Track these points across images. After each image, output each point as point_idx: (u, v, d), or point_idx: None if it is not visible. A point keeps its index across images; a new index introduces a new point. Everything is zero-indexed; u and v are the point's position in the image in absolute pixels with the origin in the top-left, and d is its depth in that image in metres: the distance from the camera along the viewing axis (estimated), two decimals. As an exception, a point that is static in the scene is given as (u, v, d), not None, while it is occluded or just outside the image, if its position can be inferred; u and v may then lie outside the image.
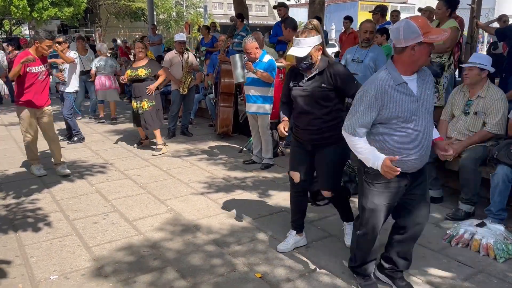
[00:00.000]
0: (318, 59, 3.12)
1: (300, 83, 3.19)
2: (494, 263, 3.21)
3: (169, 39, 26.63)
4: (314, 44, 3.05)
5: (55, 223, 3.94)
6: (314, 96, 3.12)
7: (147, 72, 6.12)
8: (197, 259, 3.28)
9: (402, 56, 2.43)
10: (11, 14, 24.36)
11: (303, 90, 3.16)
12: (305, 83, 3.16)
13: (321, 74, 3.11)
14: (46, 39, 4.85)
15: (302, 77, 3.19)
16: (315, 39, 3.06)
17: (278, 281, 2.99)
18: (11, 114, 9.55)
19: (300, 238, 3.49)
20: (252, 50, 5.15)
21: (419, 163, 2.58)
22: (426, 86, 2.52)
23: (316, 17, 9.08)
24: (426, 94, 2.51)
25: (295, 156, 3.38)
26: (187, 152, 6.32)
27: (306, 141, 3.26)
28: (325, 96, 3.11)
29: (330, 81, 3.09)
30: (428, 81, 2.54)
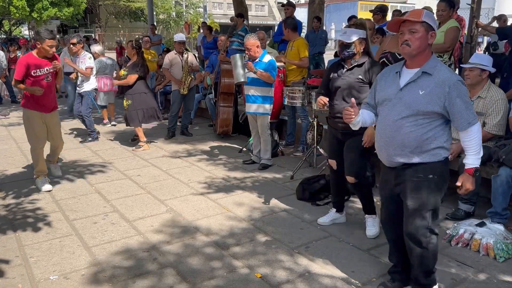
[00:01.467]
0: (360, 53, 3.45)
1: (339, 72, 3.52)
2: (494, 262, 3.21)
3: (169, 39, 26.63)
4: (359, 36, 3.40)
5: (54, 223, 3.94)
6: (350, 85, 3.44)
7: (125, 74, 6.36)
8: (197, 261, 3.28)
9: None
10: (10, 14, 24.36)
11: (341, 79, 3.48)
12: (344, 73, 3.48)
13: (360, 66, 3.44)
14: (46, 38, 4.56)
15: (342, 67, 3.52)
16: (361, 32, 3.41)
17: (278, 282, 2.99)
18: (11, 114, 9.54)
19: (340, 216, 3.89)
20: (252, 48, 5.16)
21: (379, 154, 2.66)
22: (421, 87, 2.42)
23: (316, 17, 9.14)
24: (415, 91, 2.43)
25: (330, 146, 3.78)
26: (187, 152, 6.32)
27: (337, 130, 3.58)
28: (359, 87, 3.42)
29: (367, 75, 3.41)
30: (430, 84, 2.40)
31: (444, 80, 2.38)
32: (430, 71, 2.43)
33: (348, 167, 3.52)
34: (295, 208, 4.25)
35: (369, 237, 3.60)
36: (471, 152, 2.47)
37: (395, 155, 2.54)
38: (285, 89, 5.66)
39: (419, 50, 2.44)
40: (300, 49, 5.84)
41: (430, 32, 2.44)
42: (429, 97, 2.40)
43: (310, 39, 8.87)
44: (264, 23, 43.60)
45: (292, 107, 6.06)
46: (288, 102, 5.62)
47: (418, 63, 2.49)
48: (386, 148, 2.57)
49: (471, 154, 2.48)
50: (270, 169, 5.48)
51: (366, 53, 3.49)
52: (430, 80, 2.41)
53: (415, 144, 2.46)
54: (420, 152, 2.48)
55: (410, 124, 2.46)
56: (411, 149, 2.48)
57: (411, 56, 2.49)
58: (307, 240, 3.58)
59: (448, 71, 2.45)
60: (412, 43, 2.42)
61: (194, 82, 7.24)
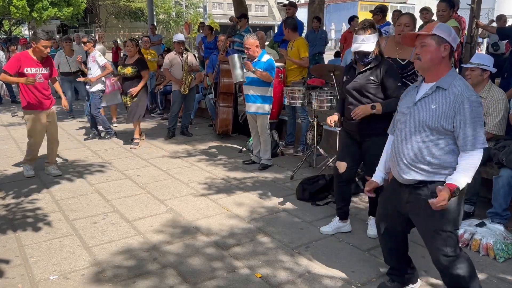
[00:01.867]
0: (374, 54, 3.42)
1: (352, 75, 3.51)
2: (494, 262, 3.21)
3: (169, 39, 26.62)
4: (376, 41, 3.36)
5: (54, 223, 3.94)
6: (363, 87, 3.42)
7: (133, 71, 6.44)
8: (197, 261, 3.27)
9: None
10: (10, 14, 24.36)
11: (354, 81, 3.47)
12: (357, 76, 3.46)
13: (372, 69, 3.41)
14: (41, 39, 4.82)
15: (355, 70, 3.50)
16: (376, 36, 3.36)
17: (278, 282, 2.99)
18: (11, 114, 9.53)
19: (344, 224, 3.75)
20: (251, 47, 5.17)
21: (394, 171, 2.56)
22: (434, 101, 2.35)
23: (315, 17, 9.14)
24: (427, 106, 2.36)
25: (343, 147, 3.69)
26: (187, 152, 6.32)
27: (354, 132, 3.53)
28: (373, 88, 3.40)
29: (378, 76, 3.39)
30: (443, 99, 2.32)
31: (458, 95, 2.29)
32: (445, 85, 2.35)
33: (368, 169, 3.45)
34: (295, 208, 4.25)
35: (369, 237, 3.62)
36: (463, 173, 2.28)
37: (406, 171, 2.44)
38: (285, 89, 5.66)
39: (432, 63, 2.38)
40: (300, 49, 5.84)
41: (443, 44, 2.36)
42: (439, 112, 2.31)
43: (310, 39, 8.87)
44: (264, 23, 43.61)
45: (292, 107, 6.06)
46: (288, 102, 5.62)
47: (434, 77, 2.41)
48: (397, 163, 2.49)
49: (461, 173, 2.28)
50: (270, 169, 5.48)
51: (379, 54, 3.45)
52: (444, 95, 2.33)
53: (427, 159, 2.36)
54: (435, 169, 2.36)
55: (421, 139, 2.37)
56: (424, 164, 2.37)
57: (423, 70, 2.44)
58: (307, 240, 3.58)
59: (464, 86, 2.32)
60: (422, 57, 2.38)
61: (194, 82, 7.25)
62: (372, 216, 3.68)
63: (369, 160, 3.47)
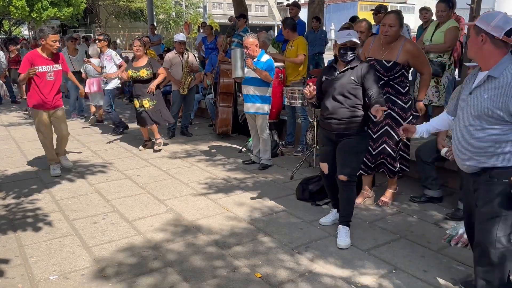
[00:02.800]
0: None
1: (332, 75, 3.56)
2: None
3: (169, 39, 26.62)
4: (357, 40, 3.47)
5: (54, 223, 3.94)
6: (343, 87, 3.47)
7: (148, 73, 6.15)
8: (197, 261, 3.27)
9: None
10: (10, 14, 24.36)
11: (334, 81, 3.52)
12: (338, 75, 3.52)
13: (353, 69, 3.48)
14: (49, 34, 4.86)
15: (335, 70, 3.57)
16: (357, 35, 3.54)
17: (279, 281, 2.99)
18: (11, 114, 9.54)
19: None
20: (251, 47, 5.18)
21: (457, 160, 2.63)
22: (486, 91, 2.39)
23: (315, 17, 9.14)
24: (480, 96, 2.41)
25: (323, 148, 3.76)
26: (187, 153, 6.32)
27: (330, 131, 3.57)
28: (352, 89, 3.45)
29: (359, 78, 3.44)
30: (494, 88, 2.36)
31: (509, 83, 2.32)
32: (496, 74, 2.37)
33: (343, 166, 3.52)
34: (295, 208, 4.25)
35: (340, 247, 3.42)
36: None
37: (466, 159, 2.53)
38: (285, 89, 5.67)
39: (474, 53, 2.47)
40: (298, 47, 5.86)
41: (480, 34, 2.40)
42: (492, 101, 2.35)
43: (310, 39, 8.87)
44: (264, 23, 43.60)
45: (292, 107, 6.07)
46: (288, 102, 5.63)
47: (486, 65, 2.44)
48: (459, 152, 2.58)
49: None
50: (270, 169, 5.48)
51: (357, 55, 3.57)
52: (495, 84, 2.36)
53: (484, 148, 2.41)
54: (492, 156, 2.41)
55: (477, 128, 2.43)
56: (482, 153, 2.43)
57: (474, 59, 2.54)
58: (307, 240, 3.58)
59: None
60: (469, 47, 2.49)
61: (194, 82, 7.24)
62: (342, 226, 3.56)
63: (342, 158, 3.53)
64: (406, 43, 3.94)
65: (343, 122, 3.46)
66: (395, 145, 4.04)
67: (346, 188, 3.56)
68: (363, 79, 3.43)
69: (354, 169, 3.56)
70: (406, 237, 3.62)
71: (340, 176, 3.53)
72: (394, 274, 3.08)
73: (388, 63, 3.91)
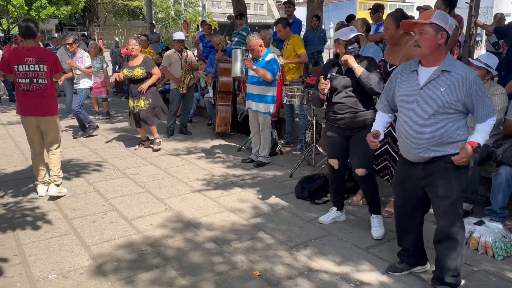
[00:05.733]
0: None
1: (338, 71, 3.61)
2: (492, 261, 3.22)
3: (168, 38, 26.59)
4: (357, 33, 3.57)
5: (53, 222, 3.93)
6: (349, 83, 3.52)
7: (143, 72, 6.07)
8: (197, 258, 3.27)
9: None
10: (8, 13, 24.31)
11: (341, 77, 3.56)
12: (347, 72, 3.56)
13: (359, 64, 3.52)
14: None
15: (340, 66, 3.62)
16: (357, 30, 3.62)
17: (278, 279, 2.99)
18: (10, 113, 9.53)
19: (340, 214, 3.90)
20: (256, 48, 5.16)
21: (404, 152, 2.77)
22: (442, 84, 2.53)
23: (314, 16, 9.13)
24: (436, 89, 2.54)
25: (333, 145, 3.74)
26: (186, 151, 6.32)
27: (337, 127, 3.62)
28: (358, 85, 3.49)
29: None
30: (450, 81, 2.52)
31: (465, 77, 2.50)
32: (448, 68, 2.54)
33: (360, 160, 3.55)
34: (294, 207, 4.25)
35: (375, 238, 3.55)
36: (480, 134, 2.56)
37: (424, 151, 2.62)
38: (284, 87, 5.66)
39: (430, 50, 2.55)
40: (296, 46, 5.85)
41: (440, 32, 2.53)
42: (450, 93, 2.51)
43: (309, 38, 8.86)
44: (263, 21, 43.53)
45: (291, 106, 6.06)
46: (286, 101, 5.62)
47: (433, 61, 2.59)
48: (415, 144, 2.64)
49: (479, 134, 2.56)
50: (269, 168, 5.48)
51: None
52: (450, 77, 2.52)
53: (442, 137, 2.57)
54: (447, 143, 2.58)
55: (436, 119, 2.55)
56: (439, 142, 2.58)
57: (423, 56, 2.61)
58: (306, 238, 3.58)
59: (465, 67, 2.60)
60: (422, 44, 2.55)
61: (193, 81, 7.24)
62: (375, 215, 3.64)
63: (357, 151, 3.58)
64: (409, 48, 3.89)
65: (353, 116, 3.53)
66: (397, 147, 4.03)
67: (367, 180, 3.61)
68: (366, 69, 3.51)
69: (371, 161, 3.63)
70: (405, 236, 3.62)
71: (358, 170, 3.56)
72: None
73: (390, 67, 3.89)
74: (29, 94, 4.33)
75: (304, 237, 3.61)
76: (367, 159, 3.57)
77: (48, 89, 4.42)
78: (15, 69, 4.29)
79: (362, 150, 3.50)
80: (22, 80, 4.31)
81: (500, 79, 6.02)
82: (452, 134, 2.57)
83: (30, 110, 4.35)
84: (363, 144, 3.44)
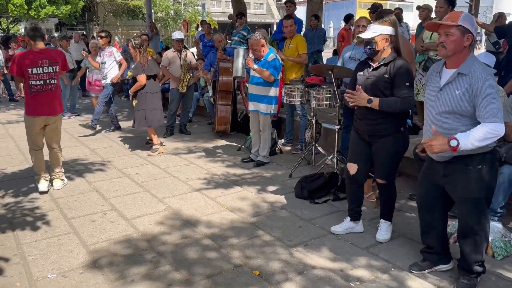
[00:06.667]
0: (385, 50, 3.28)
1: (365, 71, 3.38)
2: (492, 260, 3.21)
3: (167, 37, 26.57)
4: (382, 32, 3.24)
5: (53, 221, 3.93)
6: (376, 85, 3.27)
7: (131, 75, 6.29)
8: (196, 259, 3.27)
9: None
10: (8, 12, 24.28)
11: (367, 78, 3.34)
12: (370, 73, 3.33)
13: (387, 65, 3.26)
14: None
15: (369, 66, 3.37)
16: (385, 28, 3.25)
17: (277, 279, 2.99)
18: (9, 113, 9.52)
19: (355, 225, 3.67)
20: (257, 47, 5.15)
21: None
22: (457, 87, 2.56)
23: (313, 15, 9.13)
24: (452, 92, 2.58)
25: (354, 149, 3.56)
26: (186, 151, 6.31)
27: (364, 132, 3.42)
28: (386, 87, 3.25)
29: (390, 73, 3.24)
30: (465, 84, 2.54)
31: (476, 79, 2.51)
32: (465, 71, 2.56)
33: (380, 170, 3.44)
34: (294, 206, 4.25)
35: (379, 241, 3.50)
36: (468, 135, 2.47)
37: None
38: (284, 87, 5.65)
39: (455, 51, 2.58)
40: (299, 46, 5.85)
41: (466, 35, 2.56)
42: (463, 96, 2.54)
43: (309, 37, 8.85)
44: (263, 21, 43.50)
45: (291, 105, 6.06)
46: (286, 100, 5.61)
47: (455, 63, 2.62)
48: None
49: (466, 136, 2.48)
50: (268, 167, 5.48)
51: (395, 51, 3.31)
52: (465, 80, 2.55)
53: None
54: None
55: (452, 121, 2.60)
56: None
57: (447, 57, 2.65)
58: (306, 238, 3.58)
59: (482, 70, 2.55)
60: (447, 45, 2.58)
61: (193, 80, 7.24)
62: (384, 220, 3.57)
63: (378, 161, 3.42)
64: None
65: (377, 123, 3.30)
66: None
67: (386, 190, 3.50)
68: (393, 76, 3.22)
69: (391, 172, 3.45)
70: (404, 235, 3.62)
71: (378, 180, 3.50)
72: (392, 271, 3.08)
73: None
74: (41, 94, 4.47)
75: (304, 236, 3.61)
76: (387, 169, 3.41)
77: (58, 89, 4.63)
78: (28, 72, 4.38)
79: (384, 160, 3.38)
80: (36, 82, 4.42)
81: (500, 78, 6.02)
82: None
83: (41, 110, 4.49)
84: (385, 154, 3.37)
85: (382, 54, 3.29)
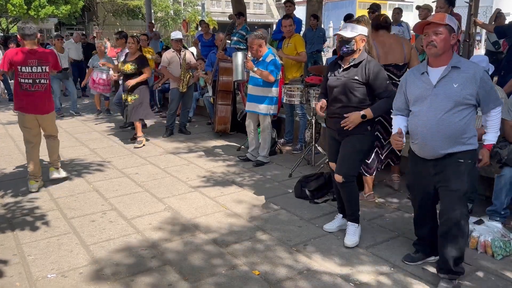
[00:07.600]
0: (359, 51, 3.34)
1: (336, 72, 3.42)
2: (491, 260, 3.22)
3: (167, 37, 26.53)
4: (361, 33, 3.31)
5: (52, 221, 3.93)
6: (345, 86, 3.34)
7: (132, 68, 6.37)
8: (196, 259, 3.27)
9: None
10: (7, 12, 24.26)
11: (337, 79, 3.39)
12: (340, 73, 3.38)
13: (357, 67, 3.31)
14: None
15: (339, 67, 3.42)
16: (363, 29, 3.34)
17: (278, 279, 2.99)
18: (9, 113, 9.52)
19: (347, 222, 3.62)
20: (255, 46, 5.15)
21: (421, 149, 2.83)
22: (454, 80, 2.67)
23: (313, 15, 9.13)
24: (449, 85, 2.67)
25: (329, 148, 3.69)
26: (185, 150, 6.31)
27: (334, 130, 3.50)
28: (355, 88, 3.32)
29: (364, 76, 3.29)
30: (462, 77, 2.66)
31: (475, 72, 2.66)
32: (457, 65, 2.69)
33: (339, 166, 3.43)
34: (293, 206, 4.25)
35: (346, 246, 3.40)
36: (491, 130, 2.81)
37: (441, 148, 2.72)
38: (283, 87, 5.66)
39: (444, 50, 2.68)
40: (297, 45, 5.86)
41: (452, 34, 2.68)
42: (464, 89, 2.65)
43: (308, 37, 8.86)
44: (263, 21, 43.49)
45: (290, 105, 6.06)
46: (286, 100, 5.62)
47: (444, 61, 2.72)
48: (431, 142, 2.74)
49: (491, 132, 2.81)
50: (268, 167, 5.48)
51: (365, 52, 3.37)
52: (461, 73, 2.67)
53: (457, 133, 2.68)
54: (461, 139, 2.70)
55: (452, 116, 2.67)
56: (455, 139, 2.69)
57: (436, 56, 2.72)
58: (306, 238, 3.58)
59: (472, 63, 2.78)
60: (438, 44, 2.66)
61: (192, 80, 7.24)
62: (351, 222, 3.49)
63: (341, 156, 3.44)
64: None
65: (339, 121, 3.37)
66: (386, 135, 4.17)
67: (345, 187, 3.45)
68: (369, 79, 3.28)
69: (351, 169, 3.42)
70: (404, 235, 3.62)
71: (336, 175, 3.44)
72: (392, 271, 3.08)
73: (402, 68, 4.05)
74: (31, 94, 4.54)
75: (304, 236, 3.61)
76: (348, 166, 3.40)
77: (48, 88, 4.67)
78: (18, 70, 4.45)
79: (346, 156, 3.40)
80: (25, 80, 4.50)
81: (500, 78, 6.02)
82: (465, 130, 2.68)
83: (31, 108, 4.56)
84: (348, 150, 3.41)
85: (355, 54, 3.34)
